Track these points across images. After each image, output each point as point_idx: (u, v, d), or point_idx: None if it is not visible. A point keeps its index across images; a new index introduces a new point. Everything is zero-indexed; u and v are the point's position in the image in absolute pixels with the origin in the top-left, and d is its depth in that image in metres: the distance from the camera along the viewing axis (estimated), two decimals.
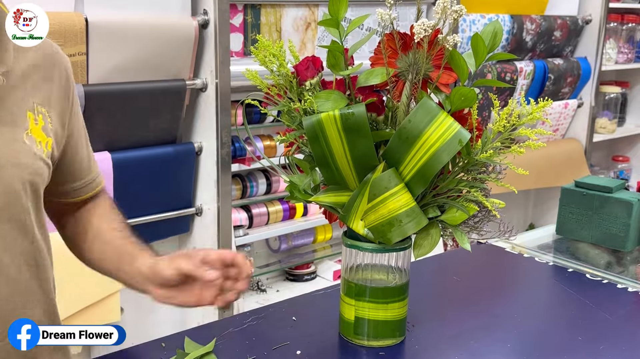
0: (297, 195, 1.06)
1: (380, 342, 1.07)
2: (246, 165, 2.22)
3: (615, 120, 3.60)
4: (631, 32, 3.53)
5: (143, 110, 1.94)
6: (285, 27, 2.25)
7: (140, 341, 1.09)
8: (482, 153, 0.99)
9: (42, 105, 0.97)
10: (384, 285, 1.06)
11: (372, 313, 1.05)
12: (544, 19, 2.99)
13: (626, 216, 1.48)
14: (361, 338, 1.07)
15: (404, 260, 1.06)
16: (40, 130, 0.96)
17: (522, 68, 2.93)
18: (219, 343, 1.06)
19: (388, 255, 1.05)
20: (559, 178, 3.09)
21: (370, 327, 1.06)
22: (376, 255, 1.05)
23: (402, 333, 1.09)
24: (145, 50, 1.88)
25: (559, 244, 1.59)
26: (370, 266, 1.06)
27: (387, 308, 1.05)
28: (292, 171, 1.10)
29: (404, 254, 1.05)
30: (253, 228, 2.34)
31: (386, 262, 1.05)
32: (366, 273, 1.06)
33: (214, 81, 2.01)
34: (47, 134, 0.97)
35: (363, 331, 1.07)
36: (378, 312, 1.05)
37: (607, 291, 1.32)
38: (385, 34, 1.01)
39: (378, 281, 1.06)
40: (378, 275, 1.06)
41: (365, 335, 1.07)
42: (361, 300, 1.05)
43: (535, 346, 1.09)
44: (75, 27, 1.72)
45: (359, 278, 1.06)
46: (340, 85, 1.04)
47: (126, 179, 1.91)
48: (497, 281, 1.40)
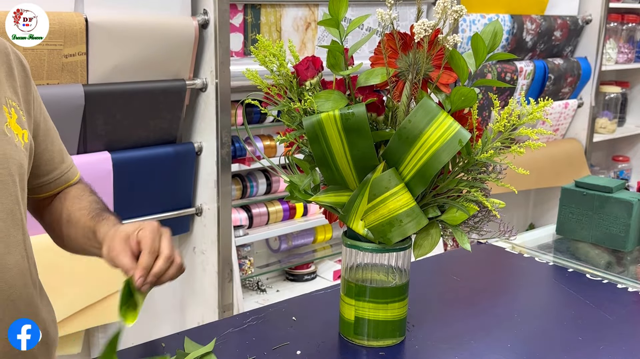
0: (297, 195, 1.06)
1: (380, 342, 1.07)
2: (246, 165, 2.22)
3: (615, 120, 3.60)
4: (631, 32, 3.53)
5: (143, 110, 1.94)
6: (285, 27, 2.25)
7: (140, 341, 1.09)
8: (483, 153, 0.99)
9: (12, 99, 1.00)
10: (384, 285, 1.06)
11: (372, 313, 1.05)
12: (544, 19, 2.99)
13: (626, 216, 1.48)
14: (361, 338, 1.07)
15: (404, 260, 1.06)
16: (15, 122, 0.98)
17: (522, 68, 2.93)
18: (219, 343, 1.06)
19: (388, 255, 1.05)
20: (559, 178, 3.09)
21: (370, 327, 1.06)
22: (376, 255, 1.05)
23: (402, 333, 1.09)
24: (145, 50, 1.88)
25: (559, 244, 1.59)
26: (370, 266, 1.06)
27: (387, 308, 1.05)
28: (292, 171, 1.10)
29: (404, 254, 1.05)
30: (253, 228, 2.34)
31: (386, 262, 1.05)
32: (366, 273, 1.06)
33: (214, 81, 2.01)
34: (22, 126, 1.00)
35: (363, 331, 1.07)
36: (378, 312, 1.05)
37: (607, 291, 1.32)
38: (385, 34, 1.01)
39: (378, 281, 1.06)
40: (378, 275, 1.06)
41: (366, 335, 1.07)
42: (361, 300, 1.05)
43: (535, 346, 1.09)
44: (75, 27, 1.72)
45: (358, 278, 1.06)
46: (340, 85, 1.04)
47: (126, 179, 1.91)
48: (497, 281, 1.40)
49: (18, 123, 0.99)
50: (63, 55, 1.73)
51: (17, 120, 0.99)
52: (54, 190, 1.12)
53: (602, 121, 3.53)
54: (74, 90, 1.74)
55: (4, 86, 0.99)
